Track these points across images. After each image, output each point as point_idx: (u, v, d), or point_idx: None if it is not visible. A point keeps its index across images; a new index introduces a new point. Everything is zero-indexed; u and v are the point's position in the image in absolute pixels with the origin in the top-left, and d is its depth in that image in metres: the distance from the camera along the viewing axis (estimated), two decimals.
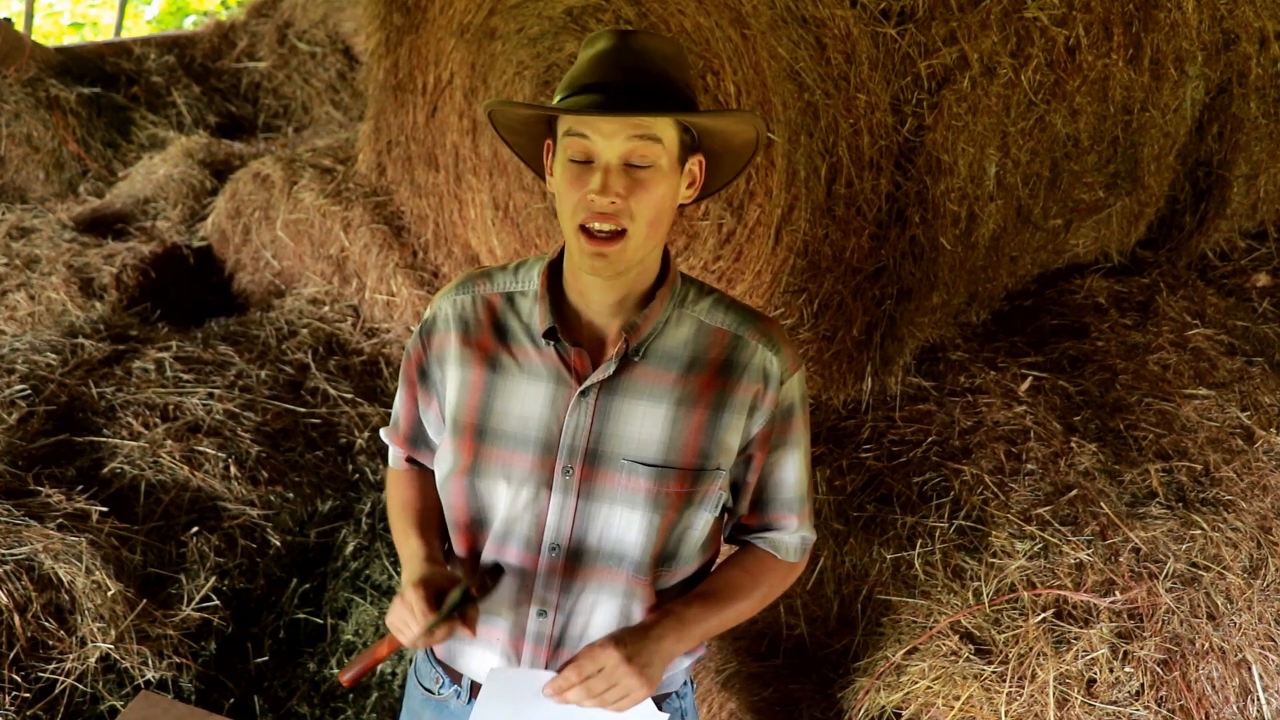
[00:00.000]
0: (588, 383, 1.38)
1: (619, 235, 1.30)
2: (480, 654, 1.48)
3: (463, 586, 1.35)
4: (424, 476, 1.59)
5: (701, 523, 1.44)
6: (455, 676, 1.54)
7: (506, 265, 1.50)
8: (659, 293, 1.41)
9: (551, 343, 1.40)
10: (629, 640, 1.36)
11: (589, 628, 1.44)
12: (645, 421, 1.38)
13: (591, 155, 1.30)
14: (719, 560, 1.58)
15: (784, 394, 1.43)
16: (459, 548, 1.50)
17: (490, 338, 1.44)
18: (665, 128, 1.30)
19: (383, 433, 1.63)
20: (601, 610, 1.43)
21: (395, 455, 1.62)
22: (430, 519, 1.55)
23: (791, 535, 1.53)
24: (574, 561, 1.41)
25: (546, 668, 1.44)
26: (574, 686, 1.33)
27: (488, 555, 1.45)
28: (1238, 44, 3.20)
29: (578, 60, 1.35)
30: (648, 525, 1.39)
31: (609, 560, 1.41)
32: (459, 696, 1.53)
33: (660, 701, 1.52)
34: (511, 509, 1.41)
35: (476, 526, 1.46)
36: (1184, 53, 2.97)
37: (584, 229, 1.31)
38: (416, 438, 1.57)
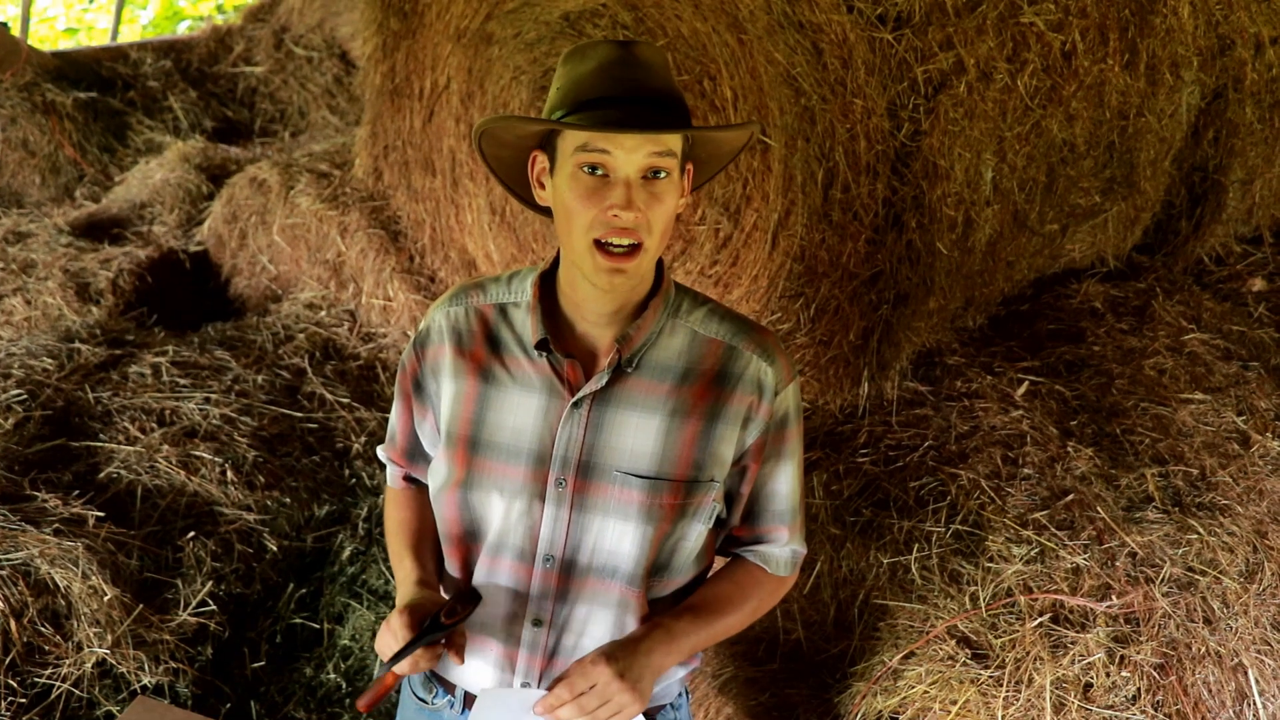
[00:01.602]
0: (580, 394, 1.37)
1: (635, 250, 1.29)
2: (475, 665, 1.48)
3: (432, 615, 1.35)
4: (421, 496, 1.58)
5: (695, 534, 1.44)
6: (449, 687, 1.53)
7: (500, 276, 1.49)
8: (652, 303, 1.40)
9: (544, 354, 1.39)
10: (620, 656, 1.35)
11: (583, 638, 1.44)
12: (638, 433, 1.37)
13: (609, 169, 1.27)
14: (712, 571, 1.57)
15: (778, 405, 1.42)
16: (452, 560, 1.49)
17: (483, 349, 1.43)
18: (676, 140, 1.29)
19: (380, 450, 1.62)
20: (596, 621, 1.42)
21: (393, 474, 1.61)
22: (425, 540, 1.54)
23: (782, 548, 1.52)
24: (568, 573, 1.41)
25: (540, 678, 1.44)
26: (566, 704, 1.33)
27: (481, 568, 1.45)
28: (1233, 49, 3.21)
29: (574, 72, 1.31)
30: (641, 537, 1.38)
31: (602, 572, 1.41)
32: (452, 706, 1.53)
33: (655, 713, 1.52)
34: (505, 521, 1.41)
35: (470, 539, 1.45)
36: (1180, 58, 2.98)
37: (599, 244, 1.29)
38: (413, 451, 1.57)
